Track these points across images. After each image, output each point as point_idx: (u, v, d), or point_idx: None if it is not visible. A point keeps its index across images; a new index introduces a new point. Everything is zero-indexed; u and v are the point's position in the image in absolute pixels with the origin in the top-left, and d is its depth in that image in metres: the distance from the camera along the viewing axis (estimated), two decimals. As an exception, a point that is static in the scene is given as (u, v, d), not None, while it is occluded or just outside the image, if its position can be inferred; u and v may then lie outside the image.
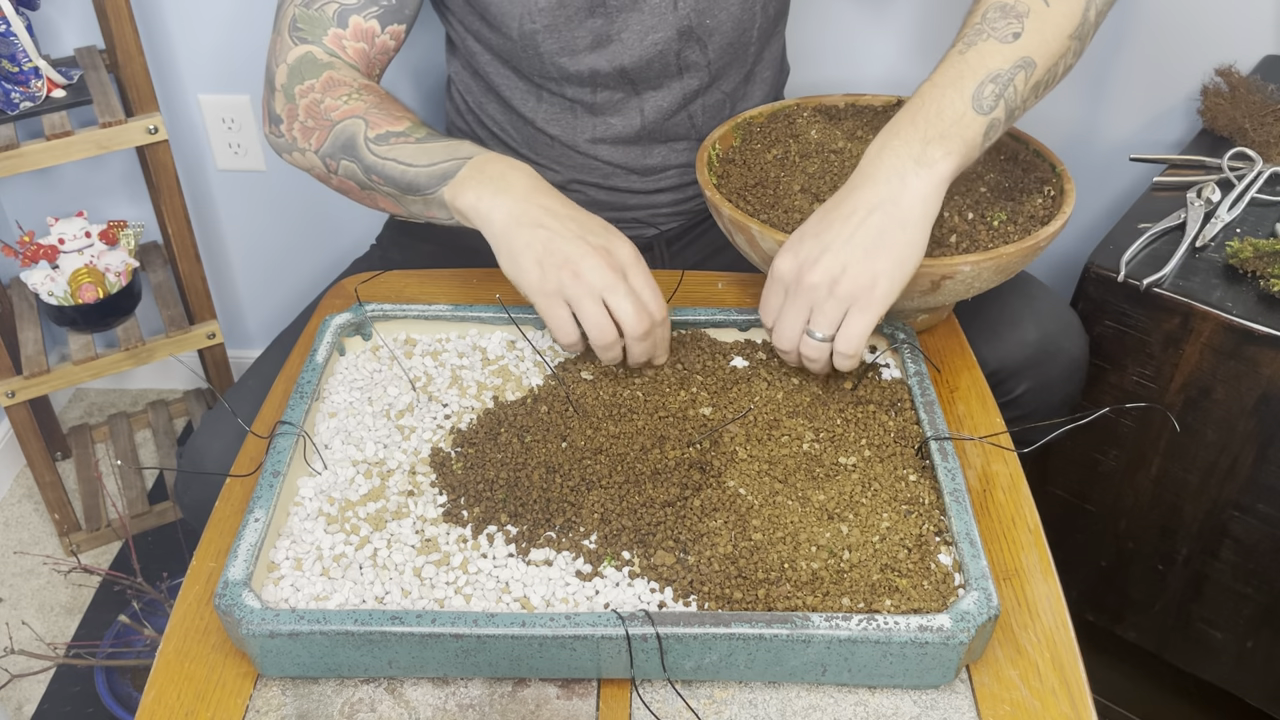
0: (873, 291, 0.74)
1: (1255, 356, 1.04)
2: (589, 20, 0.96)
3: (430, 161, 0.83)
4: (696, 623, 0.63)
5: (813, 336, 0.76)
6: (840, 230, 0.75)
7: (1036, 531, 0.76)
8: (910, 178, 0.75)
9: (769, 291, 0.79)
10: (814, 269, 0.75)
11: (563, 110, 1.03)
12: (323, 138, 0.88)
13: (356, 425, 0.80)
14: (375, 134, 0.85)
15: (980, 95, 0.78)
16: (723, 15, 0.98)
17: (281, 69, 0.92)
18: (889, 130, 0.78)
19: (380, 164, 0.85)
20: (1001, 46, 0.79)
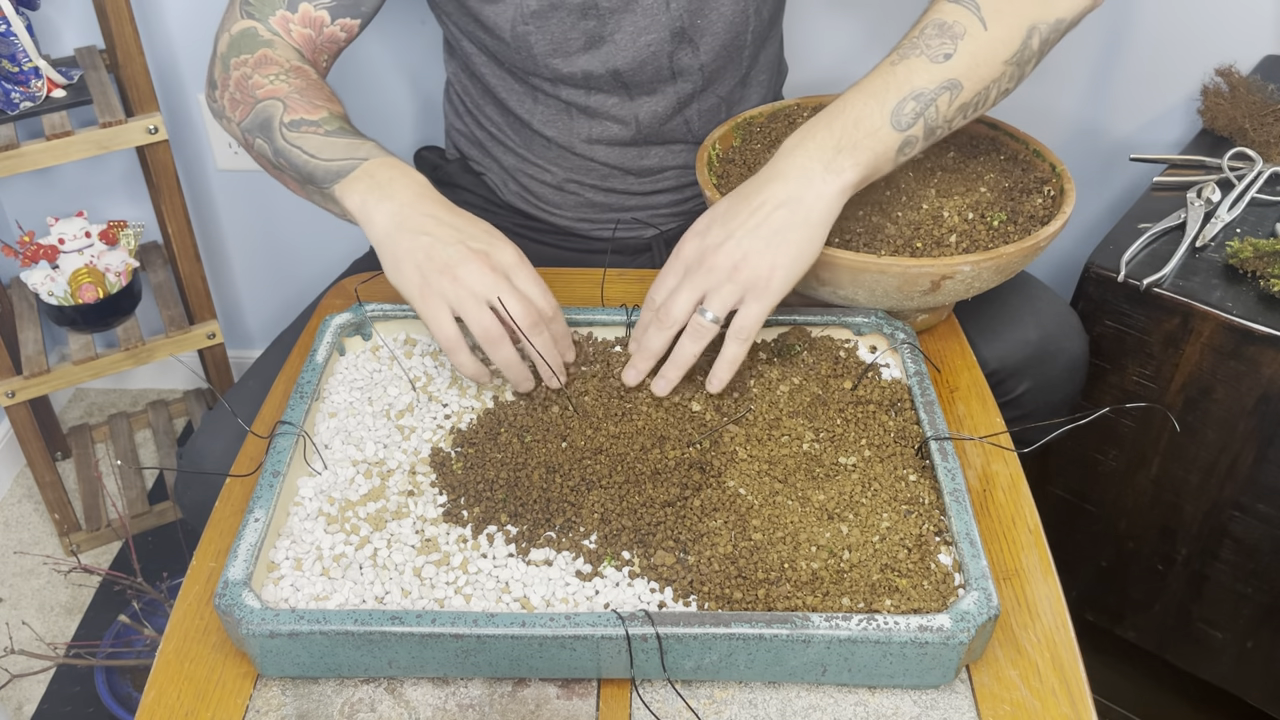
0: (770, 281, 0.77)
1: (1255, 356, 1.04)
2: (581, 22, 0.96)
3: (330, 156, 0.84)
4: (696, 623, 0.63)
5: (702, 315, 0.78)
6: (746, 220, 0.78)
7: (1036, 531, 0.76)
8: (817, 181, 0.78)
9: (668, 269, 0.81)
10: (717, 252, 0.78)
11: (558, 112, 1.03)
12: (245, 112, 0.89)
13: (356, 425, 0.80)
14: (290, 119, 0.87)
15: (900, 111, 0.79)
16: (714, 16, 0.98)
17: (224, 38, 0.94)
18: (807, 129, 0.80)
19: (287, 149, 0.86)
20: (931, 65, 0.80)
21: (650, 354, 0.80)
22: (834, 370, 0.83)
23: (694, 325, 0.79)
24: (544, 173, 1.08)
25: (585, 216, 1.10)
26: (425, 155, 1.24)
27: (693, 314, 0.79)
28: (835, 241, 0.85)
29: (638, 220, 1.10)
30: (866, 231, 0.86)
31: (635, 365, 0.81)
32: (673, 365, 0.79)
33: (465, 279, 0.77)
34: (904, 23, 0.90)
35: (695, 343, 0.79)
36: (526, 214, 1.12)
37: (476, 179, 1.14)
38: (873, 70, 0.82)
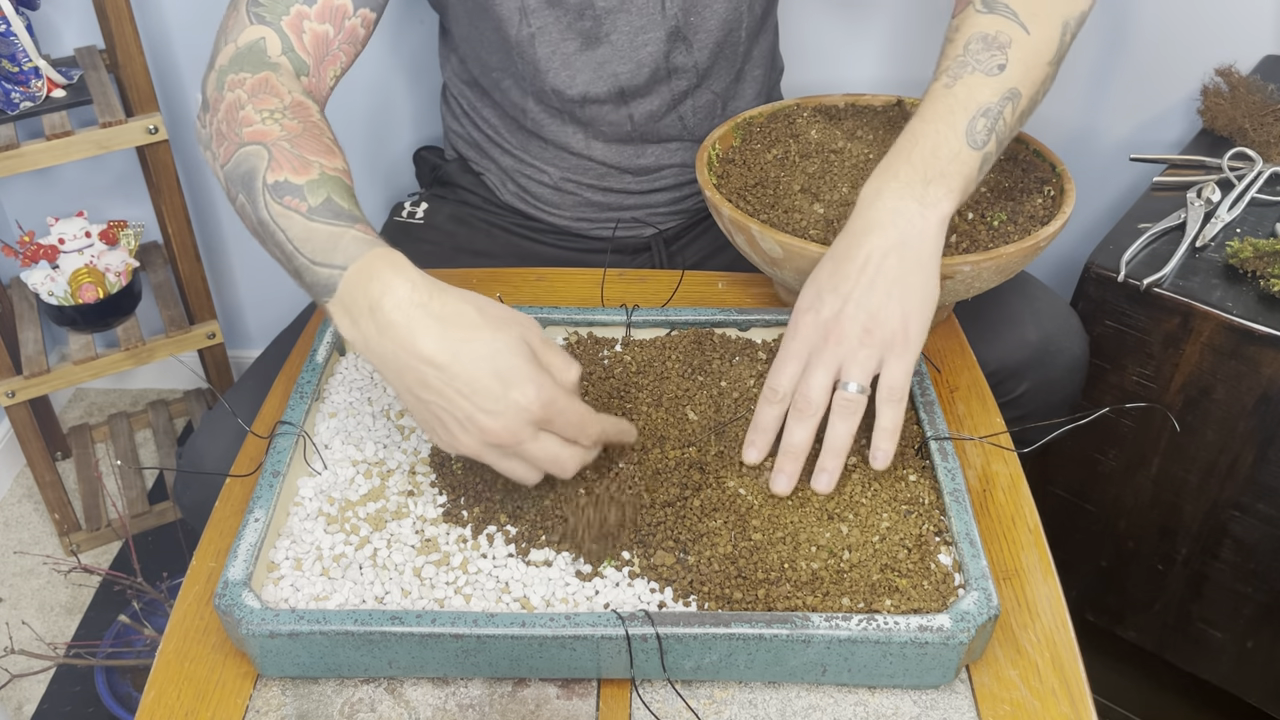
0: (907, 334, 0.72)
1: (1255, 356, 1.04)
2: (578, 22, 0.96)
3: (314, 256, 0.70)
4: (696, 623, 0.63)
5: (845, 389, 0.72)
6: (858, 279, 0.73)
7: (1036, 531, 0.76)
8: (916, 219, 0.74)
9: (787, 353, 0.74)
10: (840, 321, 0.72)
11: (552, 115, 1.03)
12: (229, 154, 0.76)
13: (356, 425, 0.80)
14: (274, 179, 0.73)
15: (973, 130, 0.77)
16: (708, 14, 0.98)
17: (228, 49, 0.81)
18: (886, 171, 0.76)
19: (270, 224, 0.73)
20: (988, 79, 0.79)
21: (800, 451, 0.72)
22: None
23: (841, 403, 0.72)
24: (541, 173, 1.08)
25: (584, 216, 1.10)
26: (425, 156, 1.24)
27: (833, 393, 0.73)
28: (835, 241, 0.85)
29: (637, 220, 1.10)
30: (866, 231, 0.85)
31: (785, 470, 0.72)
32: (831, 455, 0.72)
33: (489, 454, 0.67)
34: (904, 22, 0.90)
35: (848, 421, 0.72)
36: (525, 214, 1.12)
37: (476, 179, 1.14)
38: (928, 97, 0.80)
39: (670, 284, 0.97)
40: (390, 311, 0.65)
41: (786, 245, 0.83)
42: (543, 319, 0.87)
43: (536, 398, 0.64)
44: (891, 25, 1.42)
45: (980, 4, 0.83)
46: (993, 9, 0.82)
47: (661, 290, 0.96)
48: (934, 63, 0.84)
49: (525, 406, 0.64)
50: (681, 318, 0.87)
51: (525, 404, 0.64)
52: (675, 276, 0.98)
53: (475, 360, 0.64)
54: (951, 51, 0.82)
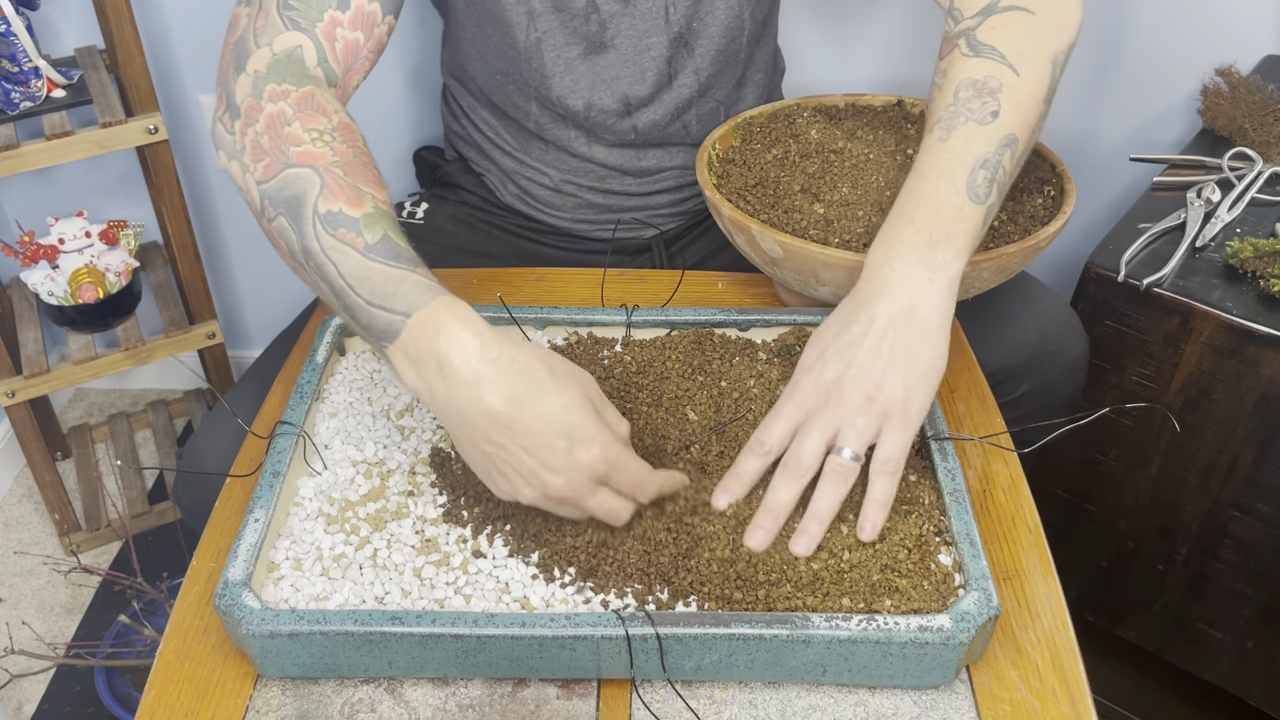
0: (908, 406, 0.70)
1: (1255, 356, 1.04)
2: (584, 27, 0.96)
3: (370, 298, 0.68)
4: (696, 623, 0.63)
5: (839, 455, 0.70)
6: (863, 344, 0.71)
7: (1036, 531, 0.76)
8: (925, 285, 0.72)
9: (781, 411, 0.72)
10: (842, 384, 0.71)
11: (555, 119, 1.03)
12: (271, 171, 0.72)
13: (356, 425, 0.79)
14: (326, 209, 0.70)
15: (974, 184, 0.75)
16: (710, 20, 0.98)
17: (263, 53, 0.77)
18: (890, 236, 0.74)
19: (319, 256, 0.70)
20: (983, 129, 0.76)
21: (783, 511, 0.70)
22: None
23: (834, 469, 0.70)
24: (542, 175, 1.08)
25: (584, 218, 1.10)
26: (425, 156, 1.24)
27: (826, 456, 0.71)
28: (835, 242, 0.85)
29: (637, 220, 1.10)
30: (866, 232, 0.86)
31: (763, 526, 0.70)
32: (814, 520, 0.70)
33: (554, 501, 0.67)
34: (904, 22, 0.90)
35: (839, 488, 0.70)
36: (526, 215, 1.12)
37: (476, 179, 1.14)
38: (923, 153, 0.77)
39: (670, 284, 0.97)
40: (459, 367, 0.65)
41: (786, 245, 0.83)
42: (543, 319, 0.87)
43: (600, 456, 0.66)
44: (891, 25, 1.42)
45: (966, 47, 0.81)
46: (979, 52, 0.80)
47: (661, 290, 0.96)
48: (933, 65, 0.84)
49: (588, 464, 0.65)
50: (681, 318, 0.87)
51: (588, 462, 0.65)
52: (675, 276, 0.98)
53: (542, 418, 0.65)
54: (941, 100, 0.79)
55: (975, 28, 0.82)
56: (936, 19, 0.92)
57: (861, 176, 0.91)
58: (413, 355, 0.67)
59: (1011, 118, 0.78)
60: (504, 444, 0.65)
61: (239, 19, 0.80)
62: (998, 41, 0.80)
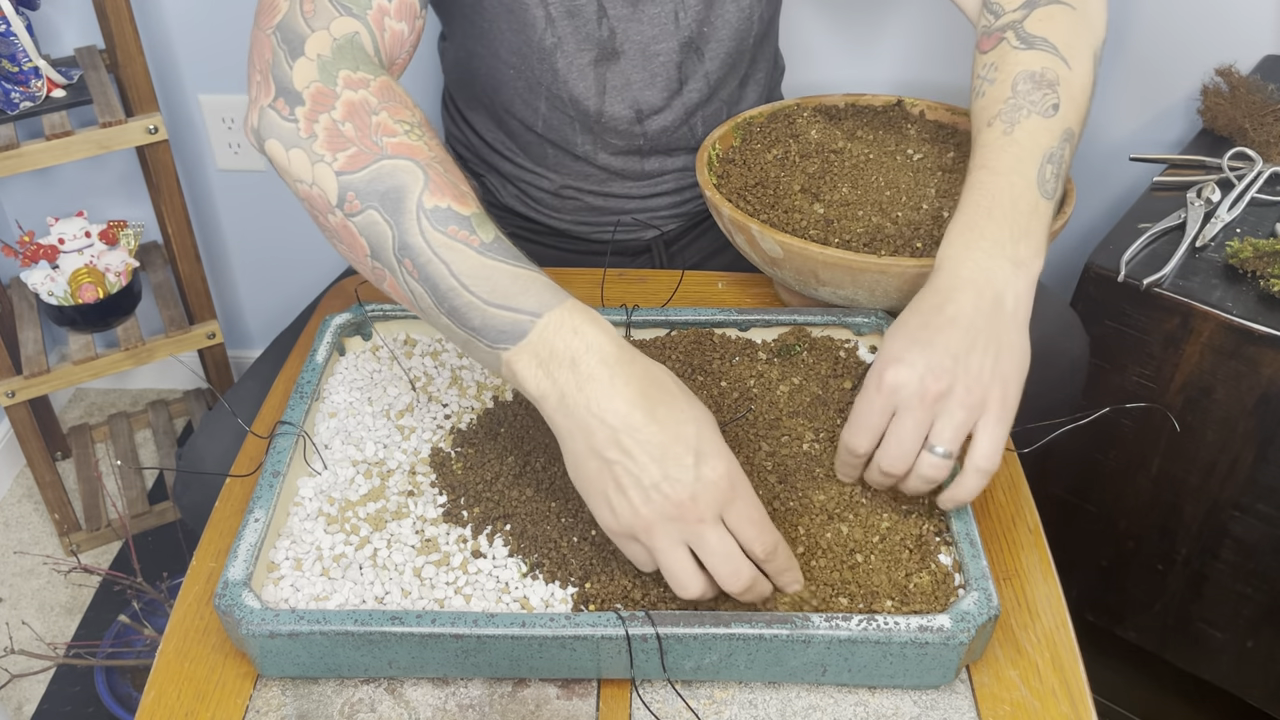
0: (1005, 398, 0.67)
1: (1255, 356, 1.04)
2: (596, 32, 0.96)
3: (489, 297, 0.64)
4: (696, 623, 0.63)
5: (934, 453, 0.67)
6: (951, 335, 0.68)
7: (1036, 531, 0.76)
8: (1011, 278, 0.70)
9: (867, 409, 0.69)
10: (941, 376, 0.67)
11: (565, 120, 1.03)
12: (359, 162, 0.67)
13: (356, 425, 0.80)
14: (433, 204, 0.66)
15: (1043, 179, 0.73)
16: (719, 24, 0.98)
17: (320, 36, 0.71)
18: (967, 231, 0.72)
19: (425, 253, 0.65)
20: (1046, 122, 0.75)
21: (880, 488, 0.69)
22: (834, 370, 0.83)
23: (927, 467, 0.67)
24: (542, 179, 1.08)
25: (584, 220, 1.10)
26: (425, 156, 1.24)
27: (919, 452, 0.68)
28: (835, 242, 0.85)
29: (637, 221, 1.10)
30: (866, 231, 0.86)
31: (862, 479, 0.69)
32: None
33: (660, 534, 0.62)
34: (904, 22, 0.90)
35: (929, 486, 0.68)
36: (525, 217, 1.12)
37: (476, 180, 1.14)
38: (988, 146, 0.75)
39: (670, 284, 0.97)
40: (596, 367, 0.62)
41: (786, 245, 0.83)
42: (543, 319, 0.87)
43: (726, 475, 0.62)
44: (892, 25, 1.42)
45: (1015, 39, 0.80)
46: (1031, 44, 0.79)
47: (661, 290, 0.96)
48: (933, 64, 0.83)
49: (714, 482, 0.62)
50: (681, 318, 0.87)
51: (714, 479, 0.62)
52: (675, 277, 0.98)
53: (673, 424, 0.62)
54: (998, 94, 0.78)
55: (1022, 20, 0.81)
56: (937, 19, 0.92)
57: (861, 176, 0.91)
58: (542, 356, 0.63)
59: (1070, 111, 0.77)
60: (629, 449, 0.61)
61: (276, 4, 0.73)
62: (1049, 34, 0.79)
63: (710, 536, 0.62)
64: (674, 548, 0.62)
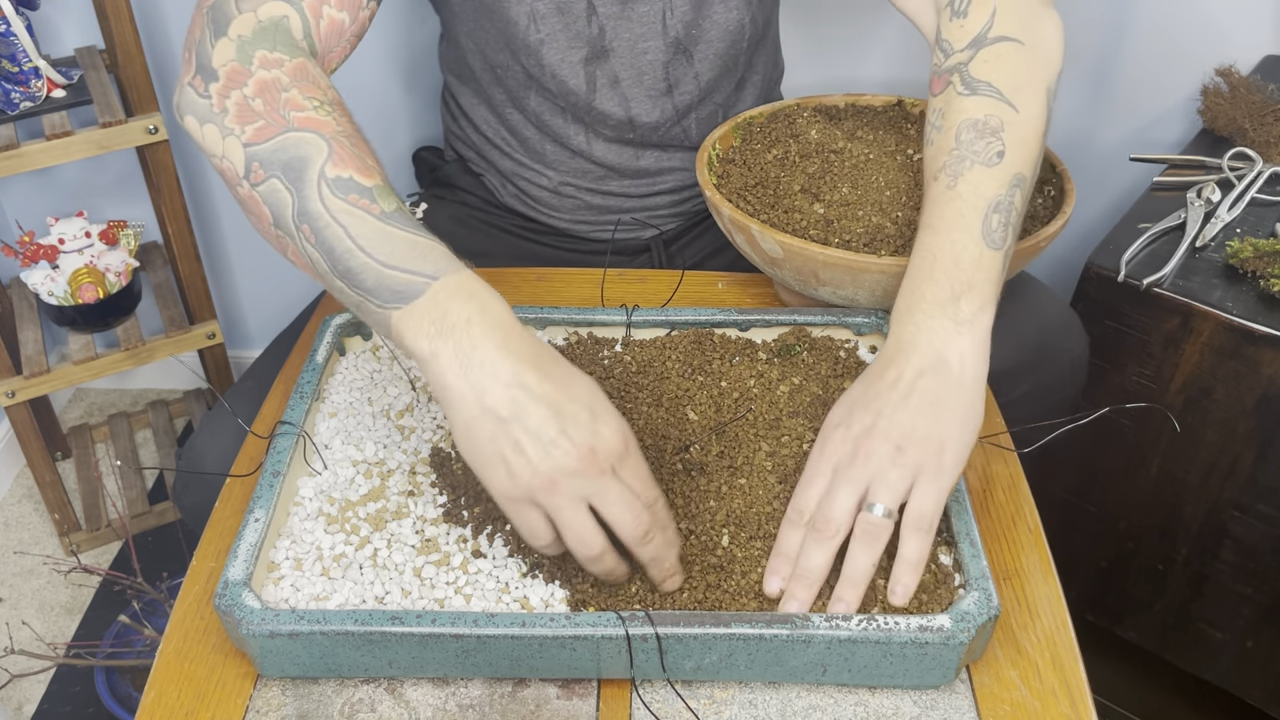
0: (942, 458, 0.66)
1: (1255, 356, 1.04)
2: (586, 30, 0.96)
3: (386, 260, 0.66)
4: (696, 623, 0.63)
5: (870, 510, 0.66)
6: (890, 397, 0.68)
7: (1036, 531, 0.76)
8: (953, 338, 0.69)
9: (812, 472, 0.69)
10: (871, 436, 0.67)
11: (555, 111, 1.03)
12: (266, 134, 0.69)
13: (356, 425, 0.80)
14: (335, 174, 0.68)
15: (989, 230, 0.72)
16: (709, 26, 0.98)
17: (246, 19, 0.74)
18: (910, 292, 0.72)
19: (323, 218, 0.67)
20: (990, 171, 0.74)
21: (816, 578, 0.66)
22: (834, 370, 0.83)
23: (865, 528, 0.66)
24: (541, 176, 1.08)
25: (583, 218, 1.10)
26: (424, 156, 1.24)
27: (856, 515, 0.67)
28: (835, 242, 0.85)
29: (637, 220, 1.10)
30: (866, 232, 0.86)
31: (796, 596, 0.66)
32: (849, 585, 0.66)
33: (564, 486, 0.62)
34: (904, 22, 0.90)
35: (870, 550, 0.66)
36: (525, 216, 1.12)
37: (476, 180, 1.14)
38: (932, 203, 0.75)
39: (670, 284, 0.97)
40: (490, 328, 0.63)
41: (786, 245, 0.83)
42: (543, 319, 0.87)
43: (619, 431, 0.63)
44: (892, 26, 1.42)
45: (961, 85, 0.78)
46: (975, 90, 0.78)
47: (661, 290, 0.96)
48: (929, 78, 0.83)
49: (610, 438, 0.63)
50: (681, 318, 0.87)
51: (609, 435, 0.63)
52: (675, 277, 0.98)
53: (567, 384, 0.63)
54: (943, 144, 0.76)
55: (967, 62, 0.79)
56: (936, 19, 0.93)
57: (861, 176, 0.91)
58: (434, 316, 0.64)
59: (1018, 156, 0.75)
60: (525, 406, 0.62)
61: None
62: (993, 77, 0.78)
63: (612, 487, 0.63)
64: (574, 504, 0.63)
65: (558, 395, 0.63)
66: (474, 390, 0.63)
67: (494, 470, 0.63)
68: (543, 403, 0.62)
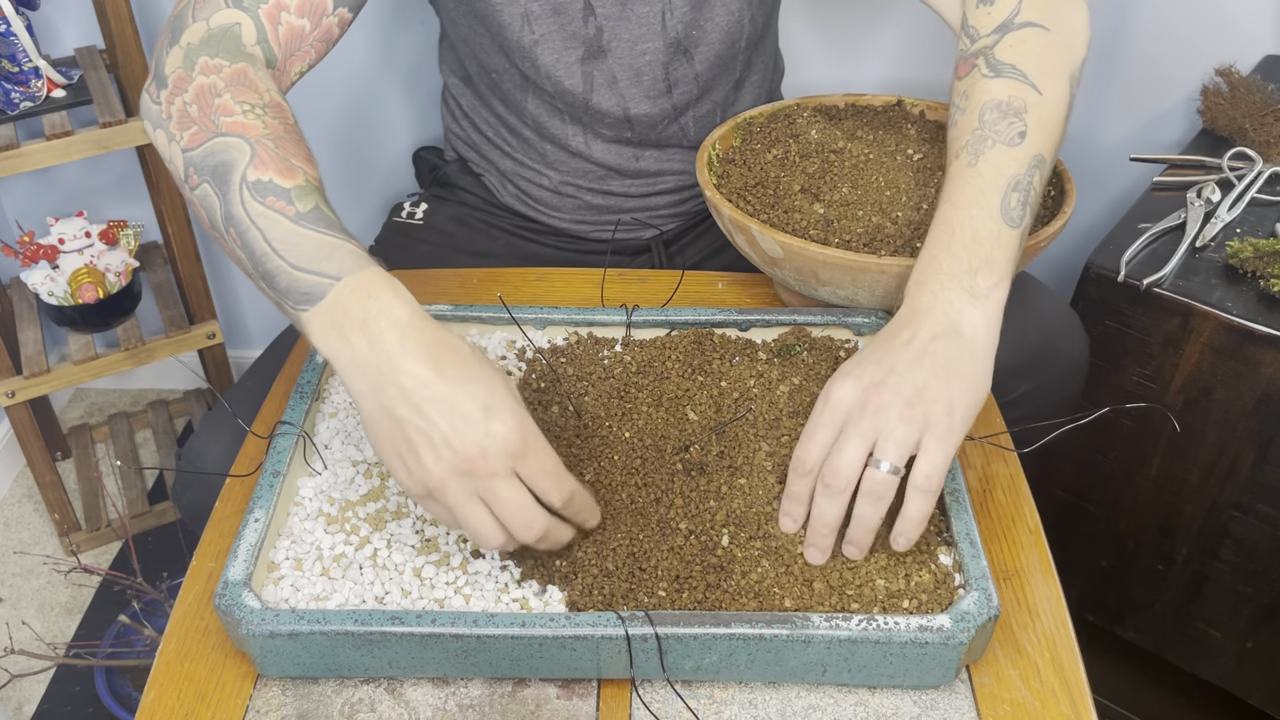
0: (951, 418, 0.66)
1: (1255, 356, 1.04)
2: (582, 30, 0.96)
3: (296, 262, 0.68)
4: (696, 623, 0.63)
5: (877, 468, 0.66)
6: (904, 355, 0.69)
7: (1036, 531, 0.76)
8: (968, 309, 0.71)
9: (817, 424, 0.69)
10: (882, 390, 0.67)
11: (553, 113, 1.03)
12: (198, 138, 0.72)
13: (356, 425, 0.79)
14: (255, 177, 0.70)
15: (1007, 208, 0.74)
16: (710, 27, 0.98)
17: (198, 27, 0.77)
18: (928, 264, 0.73)
19: (243, 221, 0.69)
20: (1012, 150, 0.76)
21: (831, 527, 0.67)
22: (834, 370, 0.83)
23: (871, 485, 0.66)
24: (541, 176, 1.08)
25: (583, 218, 1.10)
26: (424, 156, 1.24)
27: (864, 469, 0.67)
28: (835, 242, 0.85)
29: (637, 220, 1.10)
30: (866, 232, 0.86)
31: (817, 544, 0.68)
32: (859, 528, 0.67)
33: (456, 487, 0.63)
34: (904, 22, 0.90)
35: (876, 506, 0.66)
36: (525, 216, 1.12)
37: (475, 179, 1.14)
38: (953, 179, 0.77)
39: (670, 284, 0.97)
40: (386, 330, 0.64)
41: (786, 245, 0.83)
42: (543, 319, 0.87)
43: (517, 429, 0.63)
44: (892, 26, 1.42)
45: (986, 67, 0.80)
46: (1000, 72, 0.80)
47: (661, 290, 0.96)
48: (935, 64, 0.84)
49: (505, 436, 0.63)
50: (681, 318, 0.87)
51: (504, 434, 0.63)
52: (675, 277, 0.98)
53: (461, 382, 0.63)
54: (966, 124, 0.78)
55: (993, 46, 0.81)
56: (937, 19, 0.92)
57: (861, 176, 0.91)
58: (335, 317, 0.66)
59: (1038, 137, 0.77)
60: (419, 405, 0.63)
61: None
62: (1018, 60, 0.80)
63: (503, 490, 0.63)
64: (468, 502, 0.63)
65: (451, 394, 0.63)
66: (371, 388, 0.64)
67: (395, 466, 0.65)
68: (435, 404, 0.63)
